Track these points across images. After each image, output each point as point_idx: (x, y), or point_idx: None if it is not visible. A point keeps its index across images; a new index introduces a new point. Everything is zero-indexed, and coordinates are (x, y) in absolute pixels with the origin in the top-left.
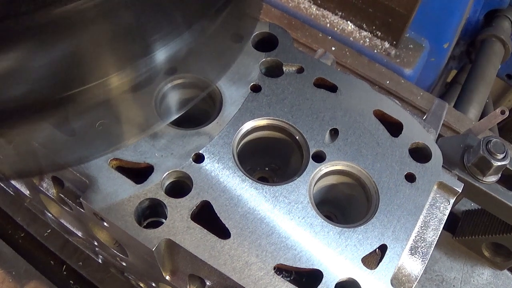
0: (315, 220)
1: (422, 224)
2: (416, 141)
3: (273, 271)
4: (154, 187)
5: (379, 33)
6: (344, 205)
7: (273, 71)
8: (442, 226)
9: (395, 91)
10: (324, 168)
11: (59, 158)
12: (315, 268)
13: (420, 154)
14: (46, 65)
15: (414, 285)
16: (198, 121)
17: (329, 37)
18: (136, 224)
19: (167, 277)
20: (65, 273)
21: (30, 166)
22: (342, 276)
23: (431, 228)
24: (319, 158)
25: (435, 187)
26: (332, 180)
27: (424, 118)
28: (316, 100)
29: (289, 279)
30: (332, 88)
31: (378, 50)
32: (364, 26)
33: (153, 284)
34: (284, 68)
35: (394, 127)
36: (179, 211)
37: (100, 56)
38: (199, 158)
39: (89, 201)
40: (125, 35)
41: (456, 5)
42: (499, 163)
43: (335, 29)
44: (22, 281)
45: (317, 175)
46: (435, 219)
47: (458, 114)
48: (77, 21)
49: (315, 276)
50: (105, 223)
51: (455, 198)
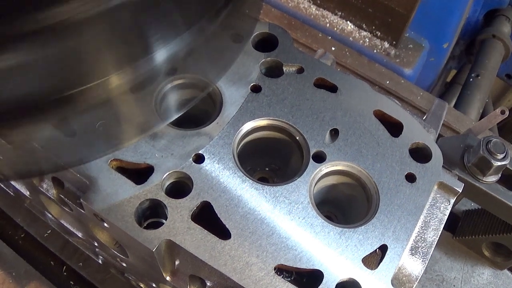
0: (316, 221)
1: (422, 224)
2: (416, 141)
3: (273, 271)
4: (154, 188)
5: (379, 33)
6: (344, 206)
7: (273, 71)
8: (442, 226)
9: (395, 91)
10: (325, 168)
11: (59, 159)
12: (315, 268)
13: (420, 154)
14: (46, 65)
15: (415, 285)
16: (198, 121)
17: (329, 37)
18: (137, 225)
19: (168, 278)
20: (65, 273)
21: (30, 166)
22: (343, 276)
23: (431, 228)
24: (320, 158)
25: (436, 187)
26: (333, 181)
27: (424, 118)
28: (316, 100)
29: (289, 279)
30: (332, 88)
31: (378, 50)
32: (364, 26)
33: (154, 285)
34: (284, 69)
35: (394, 127)
36: (179, 212)
37: (100, 56)
38: (199, 159)
39: (89, 202)
40: (125, 35)
41: (456, 5)
42: (499, 163)
43: (335, 29)
44: (22, 281)
45: (318, 175)
46: (436, 219)
47: (458, 114)
48: (77, 21)
49: (315, 276)
50: (105, 224)
51: (455, 198)
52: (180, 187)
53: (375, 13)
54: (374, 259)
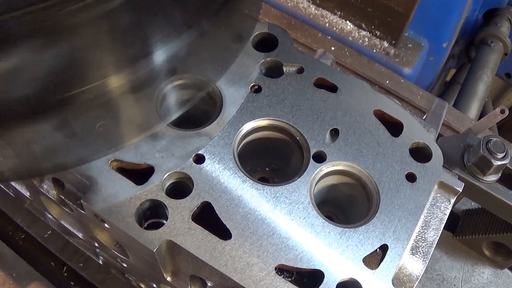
0: (316, 221)
1: (423, 224)
2: (417, 141)
3: (274, 271)
4: (155, 188)
5: (378, 33)
6: (345, 205)
7: (273, 71)
8: (443, 225)
9: (395, 91)
10: (325, 168)
11: (59, 160)
12: (316, 268)
13: (420, 153)
14: (46, 66)
15: (415, 285)
16: (199, 122)
17: (329, 37)
18: (137, 225)
19: (168, 278)
20: (65, 274)
21: (31, 167)
22: (343, 276)
23: (432, 227)
24: (320, 158)
25: (436, 186)
26: (333, 180)
27: (424, 118)
28: (316, 100)
29: (290, 279)
30: (332, 88)
31: (377, 50)
32: (363, 25)
33: (154, 285)
34: (284, 69)
35: (394, 127)
36: (180, 212)
37: (100, 57)
38: (200, 159)
39: (89, 203)
40: (124, 36)
41: (455, 4)
42: (499, 163)
43: (334, 28)
44: (23, 282)
45: (318, 175)
46: (436, 218)
47: (457, 114)
48: (77, 21)
49: (316, 276)
50: (105, 225)
51: (455, 197)
52: (180, 188)
53: (375, 13)
54: (374, 259)
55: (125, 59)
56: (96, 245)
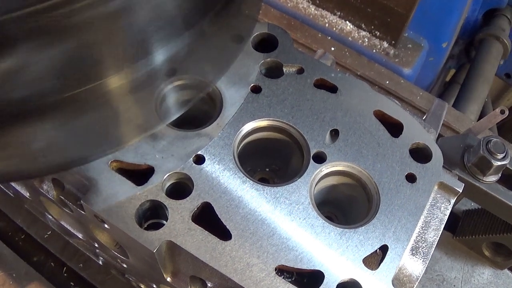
0: (316, 221)
1: (423, 224)
2: (417, 141)
3: (274, 272)
4: (155, 189)
5: (378, 33)
6: (345, 206)
7: (273, 72)
8: (443, 226)
9: (395, 91)
10: (325, 169)
11: (59, 160)
12: (316, 269)
13: (420, 154)
14: (46, 66)
15: (415, 286)
16: (199, 122)
17: (329, 37)
18: (137, 226)
19: (168, 279)
20: (65, 275)
21: (30, 167)
22: (344, 277)
23: (432, 228)
24: (320, 159)
25: (436, 187)
26: (333, 181)
27: (424, 118)
28: (316, 100)
29: (290, 280)
30: (332, 89)
31: (377, 50)
32: (363, 25)
33: (154, 286)
34: (284, 69)
35: (394, 128)
36: (180, 213)
37: (99, 57)
38: (200, 160)
39: (89, 203)
40: (124, 36)
41: (455, 4)
42: (499, 163)
43: (334, 29)
44: (23, 283)
45: (318, 176)
46: (436, 219)
47: (457, 114)
48: (77, 22)
49: (316, 277)
50: (105, 225)
51: (455, 198)
52: (180, 188)
53: (374, 13)
54: (374, 259)
55: (125, 59)
56: (96, 245)
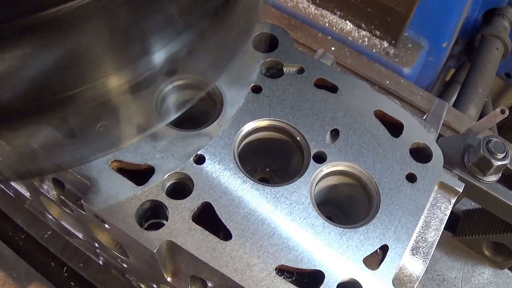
0: (317, 221)
1: (423, 224)
2: (417, 141)
3: (274, 272)
4: (155, 189)
5: (378, 33)
6: (345, 206)
7: (274, 71)
8: (443, 226)
9: (395, 91)
10: (325, 168)
11: (59, 160)
12: (316, 269)
13: (420, 154)
14: (45, 66)
15: (416, 285)
16: (199, 122)
17: (329, 37)
18: (137, 226)
19: (169, 279)
20: (66, 274)
21: (30, 167)
22: (344, 276)
23: (432, 228)
24: (320, 158)
25: (436, 187)
26: (333, 181)
27: (424, 118)
28: (316, 100)
29: (290, 280)
30: (333, 89)
31: (377, 50)
32: (363, 25)
33: (154, 286)
34: (285, 69)
35: (394, 127)
36: (180, 213)
37: (99, 57)
38: (200, 159)
39: (90, 203)
40: (124, 35)
41: (455, 4)
42: (499, 163)
43: (334, 28)
44: (23, 283)
45: (318, 175)
46: (436, 219)
47: (457, 114)
48: (76, 21)
49: (316, 277)
50: (106, 225)
51: (456, 198)
52: (181, 188)
53: (374, 13)
54: (375, 259)
55: (124, 59)
56: (96, 245)
